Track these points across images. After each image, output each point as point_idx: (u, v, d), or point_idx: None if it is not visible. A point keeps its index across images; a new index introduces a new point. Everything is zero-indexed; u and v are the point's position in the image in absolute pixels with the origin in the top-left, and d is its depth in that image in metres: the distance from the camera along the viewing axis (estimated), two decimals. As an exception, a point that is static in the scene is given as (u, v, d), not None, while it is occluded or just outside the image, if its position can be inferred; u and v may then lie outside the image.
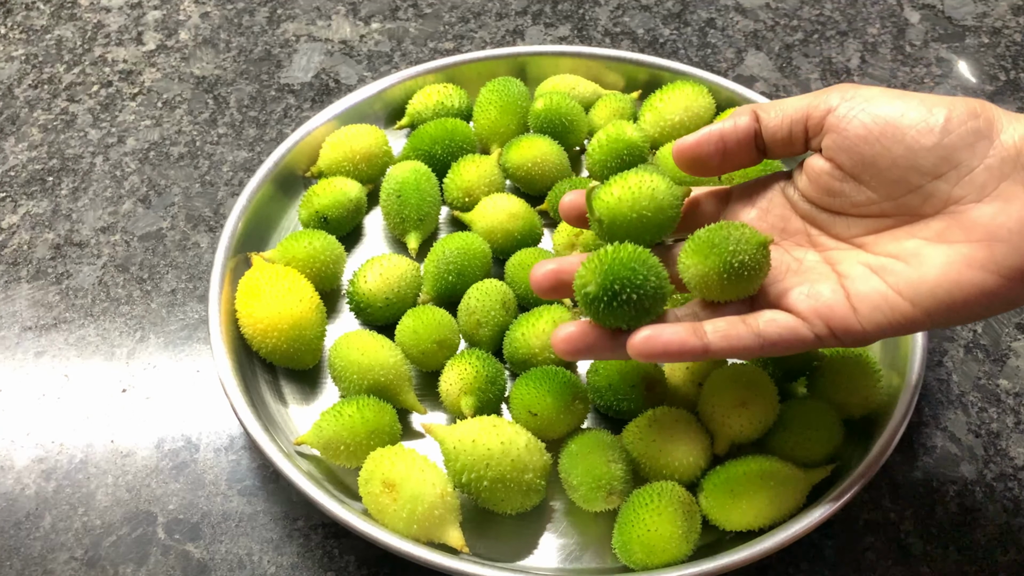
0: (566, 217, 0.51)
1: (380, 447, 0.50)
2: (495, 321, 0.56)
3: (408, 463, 0.48)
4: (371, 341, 0.54)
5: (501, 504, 0.49)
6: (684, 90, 0.66)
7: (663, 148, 0.64)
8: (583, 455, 0.49)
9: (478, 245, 0.59)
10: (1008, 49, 0.78)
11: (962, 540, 0.52)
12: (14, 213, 0.67)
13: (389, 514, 0.48)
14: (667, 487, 0.48)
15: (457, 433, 0.49)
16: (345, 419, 0.51)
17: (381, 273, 0.57)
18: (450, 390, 0.53)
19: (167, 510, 0.53)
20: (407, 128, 0.68)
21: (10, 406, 0.57)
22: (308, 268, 0.58)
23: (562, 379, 0.52)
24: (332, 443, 0.50)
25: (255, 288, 0.55)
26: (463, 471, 0.48)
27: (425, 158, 0.64)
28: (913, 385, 0.52)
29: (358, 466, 0.51)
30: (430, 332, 0.55)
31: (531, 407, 0.51)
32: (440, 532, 0.48)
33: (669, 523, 0.47)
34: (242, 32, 0.79)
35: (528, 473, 0.49)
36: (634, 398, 0.52)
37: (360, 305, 0.58)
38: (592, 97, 0.68)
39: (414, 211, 0.61)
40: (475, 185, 0.62)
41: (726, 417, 0.50)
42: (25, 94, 0.75)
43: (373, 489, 0.48)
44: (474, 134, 0.66)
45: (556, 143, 0.64)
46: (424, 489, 0.47)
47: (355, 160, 0.64)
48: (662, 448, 0.50)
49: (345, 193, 0.62)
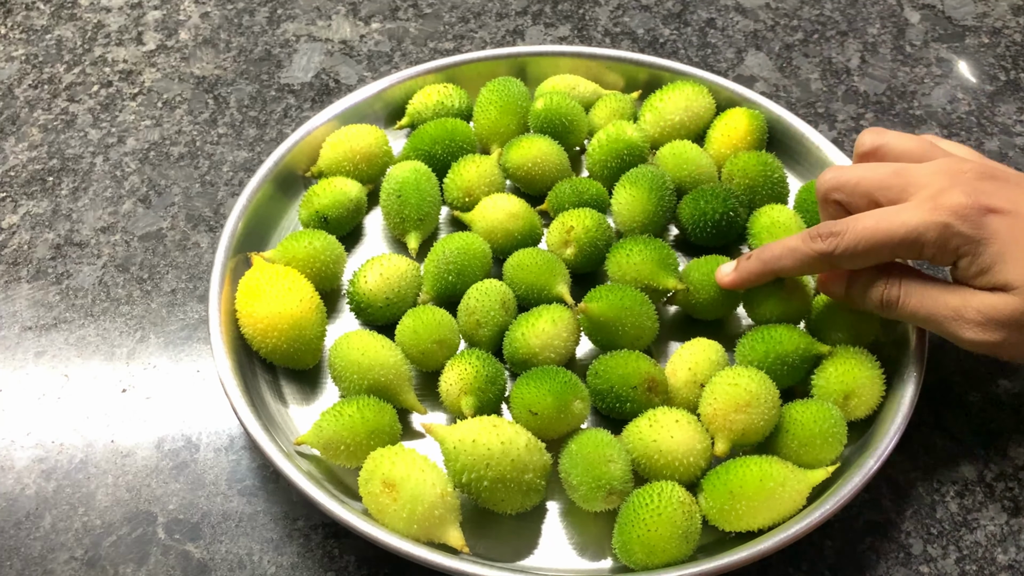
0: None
1: (380, 447, 0.50)
2: (495, 321, 0.56)
3: (408, 463, 0.48)
4: (371, 341, 0.54)
5: (501, 504, 0.49)
6: (684, 90, 0.66)
7: (663, 148, 0.64)
8: (583, 455, 0.49)
9: (478, 245, 0.59)
10: (1008, 49, 0.78)
11: (962, 540, 0.52)
12: (14, 213, 0.67)
13: (389, 514, 0.48)
14: (667, 487, 0.48)
15: (457, 433, 0.49)
16: (345, 419, 0.51)
17: (381, 273, 0.57)
18: (450, 390, 0.53)
19: (167, 510, 0.53)
20: (407, 128, 0.68)
21: (10, 406, 0.57)
22: (308, 268, 0.58)
23: (562, 379, 0.52)
24: (332, 443, 0.50)
25: (255, 288, 0.55)
26: (463, 471, 0.48)
27: (425, 158, 0.64)
28: (913, 385, 0.52)
29: (358, 466, 0.50)
30: (430, 332, 0.55)
31: (531, 406, 0.51)
32: (440, 532, 0.48)
33: (669, 523, 0.47)
34: (242, 32, 0.79)
35: (528, 473, 0.49)
36: (635, 399, 0.52)
37: (360, 305, 0.58)
38: (592, 97, 0.68)
39: (414, 211, 0.61)
40: (475, 185, 0.62)
41: (727, 419, 0.50)
42: (25, 94, 0.75)
43: (373, 489, 0.48)
44: (474, 134, 0.66)
45: (556, 143, 0.64)
46: (424, 489, 0.47)
47: (355, 160, 0.64)
48: (662, 448, 0.50)
49: (345, 193, 0.62)
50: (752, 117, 0.65)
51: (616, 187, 0.61)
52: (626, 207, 0.60)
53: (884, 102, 0.74)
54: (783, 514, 0.48)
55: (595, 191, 0.62)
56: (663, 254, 0.57)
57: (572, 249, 0.59)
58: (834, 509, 0.48)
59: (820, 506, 0.48)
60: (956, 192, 0.47)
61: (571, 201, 0.61)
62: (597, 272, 0.61)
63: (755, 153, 0.63)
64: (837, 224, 0.49)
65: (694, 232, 0.61)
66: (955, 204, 0.46)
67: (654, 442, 0.50)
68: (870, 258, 0.49)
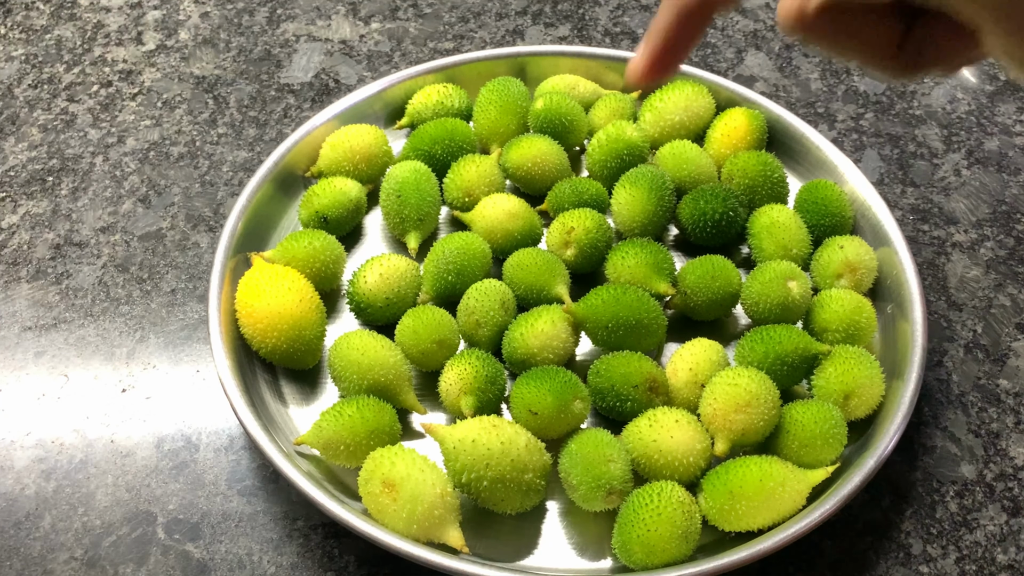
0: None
1: (380, 447, 0.50)
2: (494, 321, 0.56)
3: (408, 463, 0.48)
4: (371, 341, 0.54)
5: (501, 504, 0.49)
6: (684, 90, 0.66)
7: (663, 148, 0.64)
8: (583, 455, 0.49)
9: (478, 245, 0.59)
10: (1008, 49, 0.77)
11: (962, 540, 0.52)
12: (14, 213, 0.67)
13: (389, 514, 0.48)
14: (667, 487, 0.48)
15: (457, 433, 0.49)
16: (345, 419, 0.51)
17: (381, 273, 0.57)
18: (450, 390, 0.53)
19: (167, 510, 0.53)
20: (407, 128, 0.68)
21: (10, 406, 0.57)
22: (308, 268, 0.58)
23: (562, 379, 0.52)
24: (332, 443, 0.50)
25: (255, 288, 0.55)
26: (463, 471, 0.48)
27: (425, 158, 0.64)
28: (913, 385, 0.52)
29: (358, 466, 0.51)
30: (430, 332, 0.55)
31: (531, 406, 0.51)
32: (440, 532, 0.48)
33: (669, 523, 0.47)
34: (242, 32, 0.79)
35: (528, 473, 0.49)
36: (636, 399, 0.52)
37: (360, 305, 0.58)
38: (592, 97, 0.68)
39: (414, 211, 0.61)
40: (475, 185, 0.62)
41: (727, 419, 0.50)
42: (25, 94, 0.75)
43: (373, 489, 0.48)
44: (474, 134, 0.66)
45: (556, 143, 0.64)
46: (424, 489, 0.47)
47: (355, 160, 0.64)
48: (662, 448, 0.50)
49: (345, 193, 0.62)
50: (752, 117, 0.65)
51: (616, 187, 0.61)
52: (626, 207, 0.60)
53: (884, 102, 0.74)
54: (783, 514, 0.48)
55: (595, 191, 0.62)
56: (658, 258, 0.57)
57: (572, 250, 0.59)
58: (834, 509, 0.48)
59: (820, 506, 0.48)
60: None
61: (571, 201, 0.61)
62: (597, 272, 0.61)
63: (755, 153, 0.63)
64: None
65: (694, 232, 0.61)
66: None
67: (654, 442, 0.50)
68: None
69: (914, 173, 0.69)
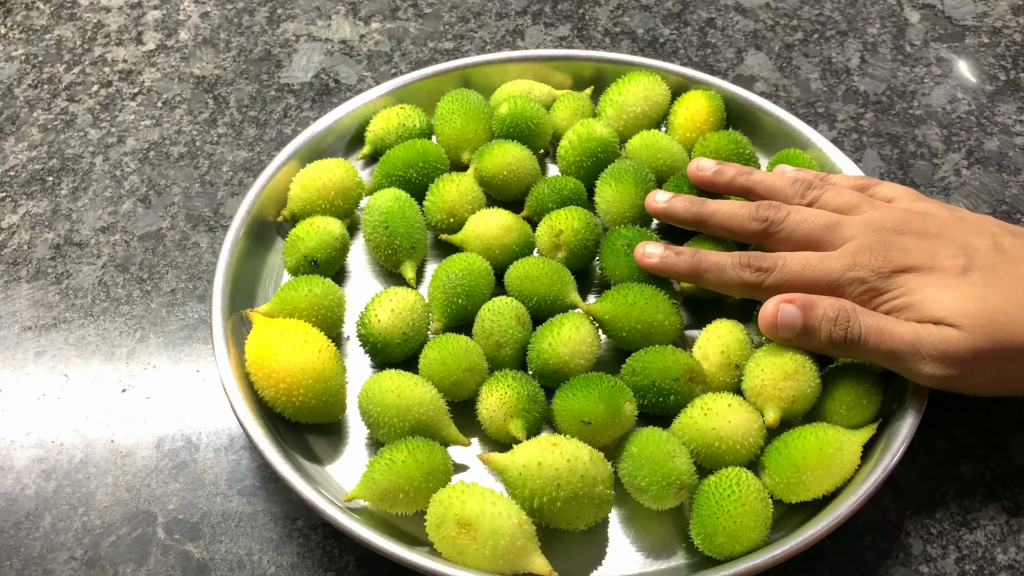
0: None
1: (438, 487, 0.48)
2: (514, 339, 0.54)
3: (479, 499, 0.46)
4: (403, 380, 0.52)
5: (576, 521, 0.48)
6: (640, 81, 0.66)
7: (632, 140, 0.64)
8: (647, 455, 0.49)
9: (480, 264, 0.57)
10: (1008, 49, 0.78)
11: (962, 540, 0.52)
12: (14, 213, 0.67)
13: (471, 554, 0.46)
14: (743, 476, 0.49)
15: (519, 459, 0.48)
16: (399, 466, 0.48)
17: (393, 309, 0.55)
18: (494, 416, 0.52)
19: (167, 510, 0.53)
20: (368, 157, 0.66)
21: (10, 406, 0.57)
22: (313, 317, 0.55)
23: (608, 384, 0.51)
24: (389, 493, 0.48)
25: (267, 346, 0.52)
26: (533, 496, 0.47)
27: (400, 183, 0.62)
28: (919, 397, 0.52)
29: (415, 511, 0.49)
30: (459, 361, 0.53)
31: (583, 416, 0.50)
32: (525, 562, 0.46)
33: (752, 513, 0.48)
34: (242, 32, 0.79)
35: (599, 485, 0.48)
36: (679, 391, 0.52)
37: (377, 346, 0.55)
38: (548, 99, 0.68)
39: (405, 240, 0.59)
40: (458, 204, 0.60)
41: (777, 388, 0.51)
42: (25, 94, 0.75)
43: (448, 532, 0.46)
44: (442, 150, 0.64)
45: (525, 147, 0.63)
46: (501, 522, 0.46)
47: (329, 196, 0.61)
48: (722, 435, 0.50)
49: (330, 232, 0.59)
50: (710, 98, 0.66)
51: (600, 185, 0.61)
52: (614, 204, 0.60)
53: (884, 102, 0.74)
54: (844, 476, 0.50)
55: (572, 186, 0.61)
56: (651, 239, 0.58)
57: (563, 252, 0.58)
58: (846, 515, 0.48)
59: (832, 512, 0.48)
60: (872, 253, 0.52)
61: (553, 200, 0.61)
62: (588, 269, 0.61)
63: (724, 133, 0.64)
64: (767, 260, 0.54)
65: None
66: (869, 264, 0.52)
67: (713, 430, 0.50)
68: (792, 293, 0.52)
69: (914, 173, 0.69)
